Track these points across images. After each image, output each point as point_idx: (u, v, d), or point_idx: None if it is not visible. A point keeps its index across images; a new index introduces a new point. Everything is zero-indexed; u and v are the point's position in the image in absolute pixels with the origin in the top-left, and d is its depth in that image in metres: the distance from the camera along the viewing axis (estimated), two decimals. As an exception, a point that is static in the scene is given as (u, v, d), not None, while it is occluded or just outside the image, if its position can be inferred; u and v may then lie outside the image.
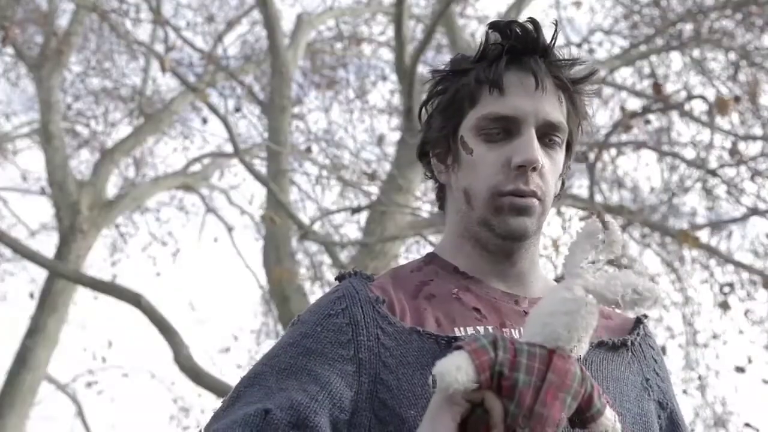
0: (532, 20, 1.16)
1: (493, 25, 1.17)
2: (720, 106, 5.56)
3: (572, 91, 1.18)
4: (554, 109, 1.14)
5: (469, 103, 1.15)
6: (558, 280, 1.21)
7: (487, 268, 1.17)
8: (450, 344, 1.03)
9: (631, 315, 1.23)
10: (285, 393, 1.02)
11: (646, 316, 1.27)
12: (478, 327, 1.09)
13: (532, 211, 1.13)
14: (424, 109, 1.25)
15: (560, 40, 1.20)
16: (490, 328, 1.08)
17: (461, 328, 1.08)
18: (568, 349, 0.90)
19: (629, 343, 1.18)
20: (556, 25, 1.18)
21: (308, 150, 8.97)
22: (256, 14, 9.52)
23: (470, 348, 0.88)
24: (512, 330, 1.10)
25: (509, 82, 1.13)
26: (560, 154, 1.18)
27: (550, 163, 1.15)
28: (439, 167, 1.22)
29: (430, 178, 1.25)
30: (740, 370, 6.45)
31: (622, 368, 1.15)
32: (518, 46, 1.15)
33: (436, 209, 6.83)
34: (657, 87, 6.05)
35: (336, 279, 1.18)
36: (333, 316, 1.08)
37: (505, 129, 1.12)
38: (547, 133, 1.14)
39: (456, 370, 0.86)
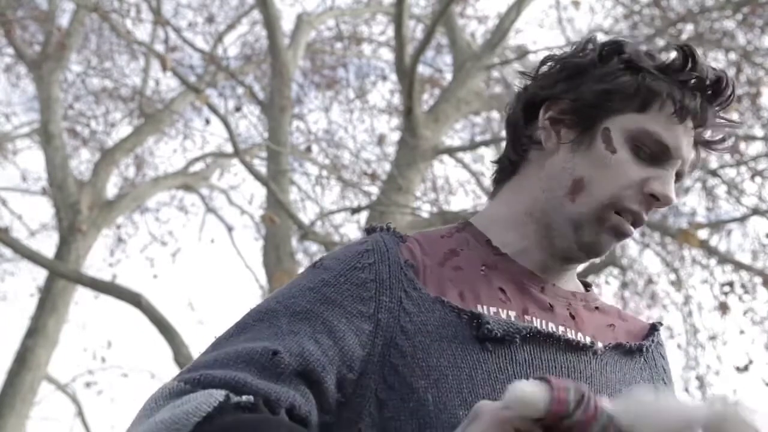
0: (728, 78, 1.12)
1: (693, 59, 1.10)
2: None
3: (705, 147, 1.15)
4: (690, 157, 1.13)
5: (640, 106, 1.09)
6: (582, 282, 1.20)
7: (533, 252, 1.12)
8: (472, 320, 1.01)
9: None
10: (296, 338, 0.97)
11: (661, 324, 1.23)
12: (501, 309, 1.05)
13: (625, 239, 1.12)
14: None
15: (560, 41, 1.17)
16: (512, 313, 1.05)
17: (485, 307, 1.04)
18: None
19: (644, 348, 1.15)
20: (733, 87, 1.13)
21: (308, 150, 8.97)
22: (256, 14, 9.53)
23: (555, 392, 0.75)
24: (534, 319, 1.07)
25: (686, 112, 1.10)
26: None
27: None
28: (549, 130, 1.13)
29: (515, 125, 1.16)
30: (742, 369, 6.45)
31: (634, 373, 1.13)
32: (709, 90, 1.10)
33: (435, 209, 6.86)
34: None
35: (365, 231, 1.12)
36: (359, 270, 1.03)
37: (657, 154, 1.09)
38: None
39: (532, 396, 0.74)
